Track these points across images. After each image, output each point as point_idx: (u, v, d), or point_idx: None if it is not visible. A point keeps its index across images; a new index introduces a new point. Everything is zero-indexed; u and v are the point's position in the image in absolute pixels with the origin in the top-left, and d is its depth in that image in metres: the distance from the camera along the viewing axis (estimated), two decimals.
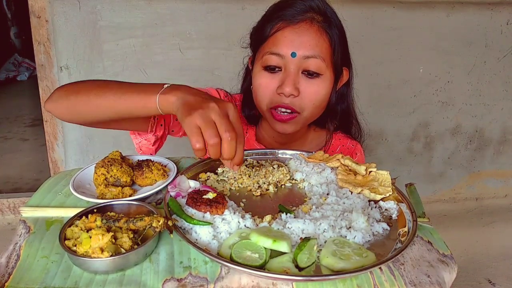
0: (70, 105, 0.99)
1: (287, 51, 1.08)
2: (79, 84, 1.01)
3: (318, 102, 1.14)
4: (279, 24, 1.10)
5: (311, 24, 1.09)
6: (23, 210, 0.83)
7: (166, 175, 0.95)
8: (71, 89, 1.00)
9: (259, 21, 1.19)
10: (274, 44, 1.10)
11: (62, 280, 0.67)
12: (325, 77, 1.12)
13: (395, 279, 0.70)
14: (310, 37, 1.08)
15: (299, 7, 1.10)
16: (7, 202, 2.49)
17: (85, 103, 0.97)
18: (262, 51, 1.13)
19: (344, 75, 1.21)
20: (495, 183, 3.08)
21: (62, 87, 1.03)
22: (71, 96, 0.98)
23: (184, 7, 2.18)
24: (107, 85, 0.97)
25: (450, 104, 2.75)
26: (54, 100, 1.01)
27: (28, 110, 4.36)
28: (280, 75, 1.11)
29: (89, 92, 0.96)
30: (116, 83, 0.98)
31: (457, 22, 2.52)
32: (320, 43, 1.09)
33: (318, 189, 0.92)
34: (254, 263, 0.67)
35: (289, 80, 1.09)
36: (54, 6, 2.07)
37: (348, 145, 1.33)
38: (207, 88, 1.23)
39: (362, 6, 2.37)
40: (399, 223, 0.82)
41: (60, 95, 1.01)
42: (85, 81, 1.02)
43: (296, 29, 1.09)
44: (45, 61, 2.16)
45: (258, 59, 1.15)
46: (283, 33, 1.09)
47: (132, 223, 0.73)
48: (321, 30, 1.10)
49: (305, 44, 1.08)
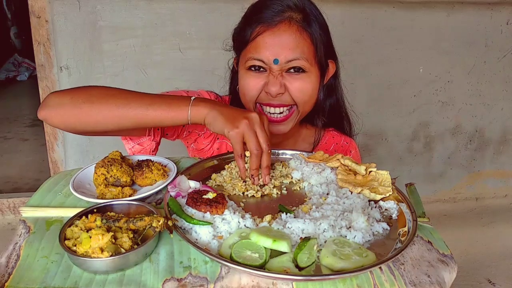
0: (82, 114, 0.96)
1: (269, 57, 1.08)
2: (85, 93, 0.98)
3: (306, 97, 1.14)
4: (258, 28, 1.09)
5: (290, 24, 1.08)
6: (23, 210, 0.83)
7: (166, 175, 0.95)
8: (80, 97, 0.96)
9: (239, 23, 1.18)
10: (255, 50, 1.10)
11: (62, 280, 0.67)
12: (310, 73, 1.12)
13: (395, 279, 0.70)
14: (290, 39, 1.08)
15: (276, 8, 1.09)
16: (7, 202, 2.49)
17: (103, 114, 0.96)
18: (245, 56, 1.13)
19: (330, 67, 1.20)
20: (495, 183, 3.08)
21: (62, 93, 0.99)
22: (84, 105, 0.95)
23: (184, 7, 2.18)
24: (124, 94, 0.98)
25: (450, 104, 2.74)
26: (54, 107, 0.97)
27: (28, 110, 4.36)
28: (265, 73, 1.12)
29: (108, 102, 0.95)
30: (129, 92, 0.99)
31: (457, 22, 2.52)
32: (301, 43, 1.09)
33: (318, 189, 0.92)
34: (254, 263, 0.67)
35: (274, 79, 1.10)
36: (54, 6, 2.06)
37: (342, 142, 1.32)
38: (198, 91, 1.23)
39: (362, 6, 2.37)
40: (399, 223, 0.82)
41: (63, 103, 0.96)
42: (87, 88, 0.99)
43: (275, 32, 1.08)
44: (45, 61, 2.16)
45: (242, 63, 1.15)
46: (263, 38, 1.09)
47: (132, 223, 0.73)
48: (300, 29, 1.09)
49: (285, 48, 1.08)
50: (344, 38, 1.18)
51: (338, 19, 1.13)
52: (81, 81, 2.19)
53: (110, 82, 2.21)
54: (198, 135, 1.23)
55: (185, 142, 1.28)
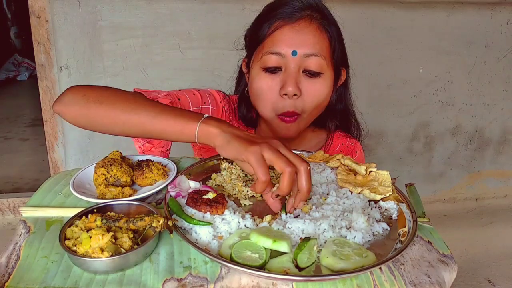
0: (91, 115, 0.93)
1: (287, 49, 1.06)
2: (98, 91, 0.94)
3: (319, 102, 1.13)
4: (278, 23, 1.08)
5: (311, 21, 1.08)
6: (23, 210, 0.83)
7: (166, 175, 0.95)
8: (91, 96, 0.93)
9: (253, 22, 1.17)
10: (273, 43, 1.08)
11: (62, 280, 0.67)
12: (326, 75, 1.11)
13: (395, 279, 0.70)
14: (310, 35, 1.07)
15: (297, 5, 1.08)
16: (7, 202, 2.49)
17: (109, 116, 0.91)
18: (260, 52, 1.11)
19: (342, 75, 1.20)
20: (495, 183, 3.08)
21: (78, 89, 0.95)
22: (92, 105, 0.91)
23: (184, 7, 2.18)
24: (136, 100, 0.92)
25: (450, 104, 2.74)
26: (67, 103, 0.94)
27: (28, 110, 4.35)
28: (280, 75, 1.09)
29: (115, 105, 0.91)
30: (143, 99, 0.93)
31: (457, 22, 2.52)
32: (321, 41, 1.08)
33: (318, 189, 0.92)
34: (254, 263, 0.67)
35: (291, 79, 1.07)
36: (54, 6, 2.06)
37: (347, 143, 1.32)
38: (208, 90, 1.22)
39: (362, 6, 2.37)
40: (399, 223, 0.82)
41: (75, 100, 0.93)
42: (104, 88, 0.96)
43: (295, 27, 1.07)
44: (45, 61, 2.16)
45: (256, 60, 1.13)
46: (282, 31, 1.07)
47: (132, 223, 0.73)
48: (320, 27, 1.08)
49: (305, 42, 1.06)
50: (344, 38, 1.18)
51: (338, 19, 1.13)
52: (81, 81, 2.19)
53: (110, 82, 2.21)
54: None
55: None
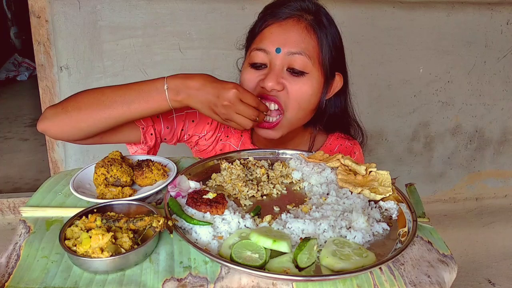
0: (73, 121, 1.02)
1: (272, 46, 1.08)
2: (73, 100, 1.04)
3: (303, 102, 1.11)
4: (268, 21, 1.11)
5: (299, 21, 1.09)
6: (23, 210, 0.83)
7: (166, 175, 0.95)
8: (68, 106, 1.03)
9: (253, 22, 1.20)
10: (260, 41, 1.11)
11: (62, 280, 0.67)
12: (311, 76, 1.10)
13: (395, 279, 0.70)
14: (296, 34, 1.08)
15: (290, 6, 1.11)
16: (7, 202, 2.49)
17: (91, 117, 1.01)
18: (250, 49, 1.14)
19: (338, 80, 1.19)
20: (495, 183, 3.08)
21: (55, 106, 1.06)
22: (72, 112, 1.02)
23: (184, 7, 2.18)
24: (104, 94, 1.02)
25: (450, 104, 2.75)
26: (49, 118, 1.03)
27: (28, 110, 4.36)
28: (265, 71, 1.11)
29: (92, 106, 1.01)
30: (111, 90, 1.03)
31: (457, 22, 2.52)
32: (307, 40, 1.09)
33: (318, 189, 0.92)
34: (254, 263, 0.67)
35: (272, 74, 1.08)
36: (54, 6, 2.06)
37: (346, 144, 1.32)
38: None
39: (362, 6, 2.37)
40: (399, 223, 0.82)
41: (56, 114, 1.03)
42: (76, 95, 1.05)
43: (283, 25, 1.09)
44: (45, 61, 2.16)
45: (247, 57, 1.16)
46: (270, 29, 1.10)
47: (132, 223, 0.73)
48: (308, 27, 1.09)
49: (290, 40, 1.08)
50: (344, 38, 1.18)
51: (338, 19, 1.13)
52: (81, 81, 2.19)
53: (110, 82, 2.21)
54: (199, 137, 1.23)
55: (188, 145, 1.29)
